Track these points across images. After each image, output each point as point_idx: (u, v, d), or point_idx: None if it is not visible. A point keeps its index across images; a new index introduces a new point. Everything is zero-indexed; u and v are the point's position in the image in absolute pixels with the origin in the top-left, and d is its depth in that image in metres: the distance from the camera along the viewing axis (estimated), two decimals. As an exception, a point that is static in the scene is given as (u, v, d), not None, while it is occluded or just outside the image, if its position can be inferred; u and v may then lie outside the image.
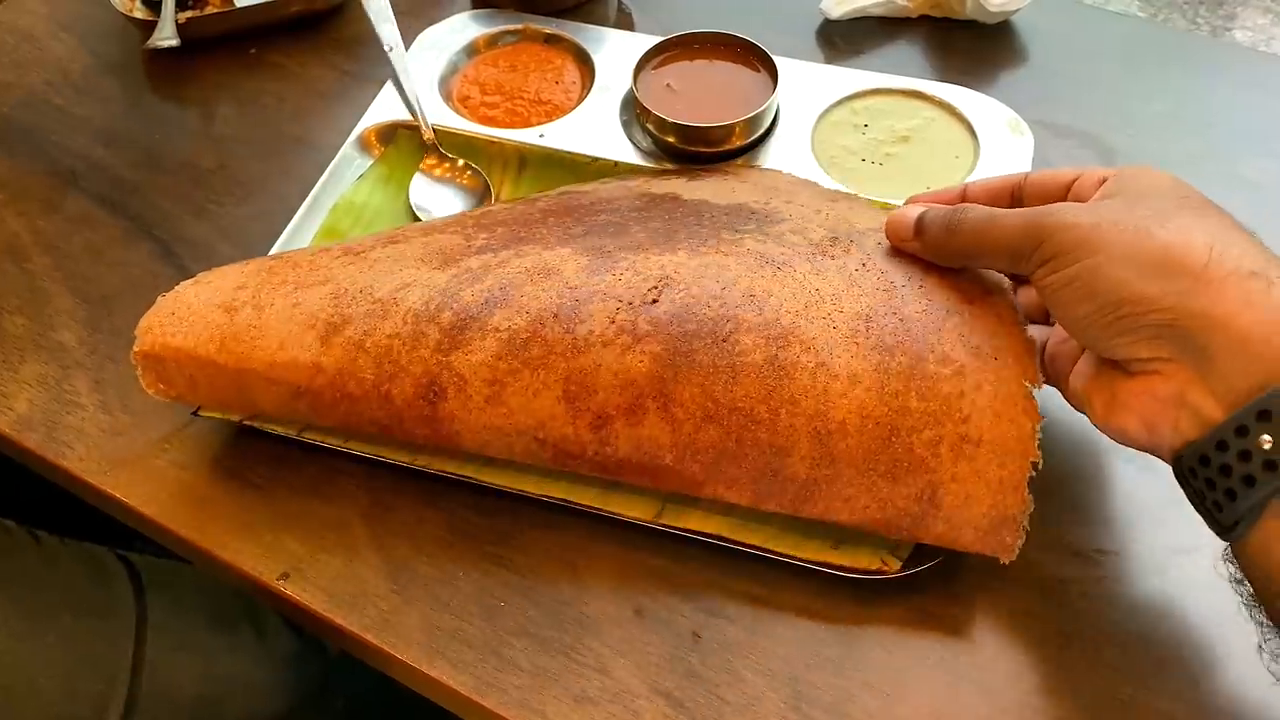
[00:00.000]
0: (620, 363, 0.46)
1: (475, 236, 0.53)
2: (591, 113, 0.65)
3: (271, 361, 0.49)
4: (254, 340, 0.49)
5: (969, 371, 0.45)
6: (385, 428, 0.49)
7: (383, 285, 0.50)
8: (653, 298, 0.47)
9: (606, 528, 0.50)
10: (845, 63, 0.71)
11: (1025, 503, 0.44)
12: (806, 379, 0.45)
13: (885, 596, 0.48)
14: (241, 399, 0.51)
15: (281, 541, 0.51)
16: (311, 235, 0.61)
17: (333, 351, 0.49)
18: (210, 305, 0.50)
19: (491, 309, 0.48)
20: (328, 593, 0.49)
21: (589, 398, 0.46)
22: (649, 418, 0.46)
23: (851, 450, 0.45)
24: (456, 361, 0.47)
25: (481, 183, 0.63)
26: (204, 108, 0.71)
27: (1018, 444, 0.44)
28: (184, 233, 0.64)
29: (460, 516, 0.51)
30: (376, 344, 0.48)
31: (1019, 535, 0.44)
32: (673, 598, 0.49)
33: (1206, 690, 0.45)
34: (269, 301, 0.50)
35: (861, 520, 0.46)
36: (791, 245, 0.50)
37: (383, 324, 0.49)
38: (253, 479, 0.53)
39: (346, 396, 0.49)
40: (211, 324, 0.50)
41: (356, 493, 0.52)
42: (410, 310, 0.49)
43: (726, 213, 0.54)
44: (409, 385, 0.48)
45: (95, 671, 0.61)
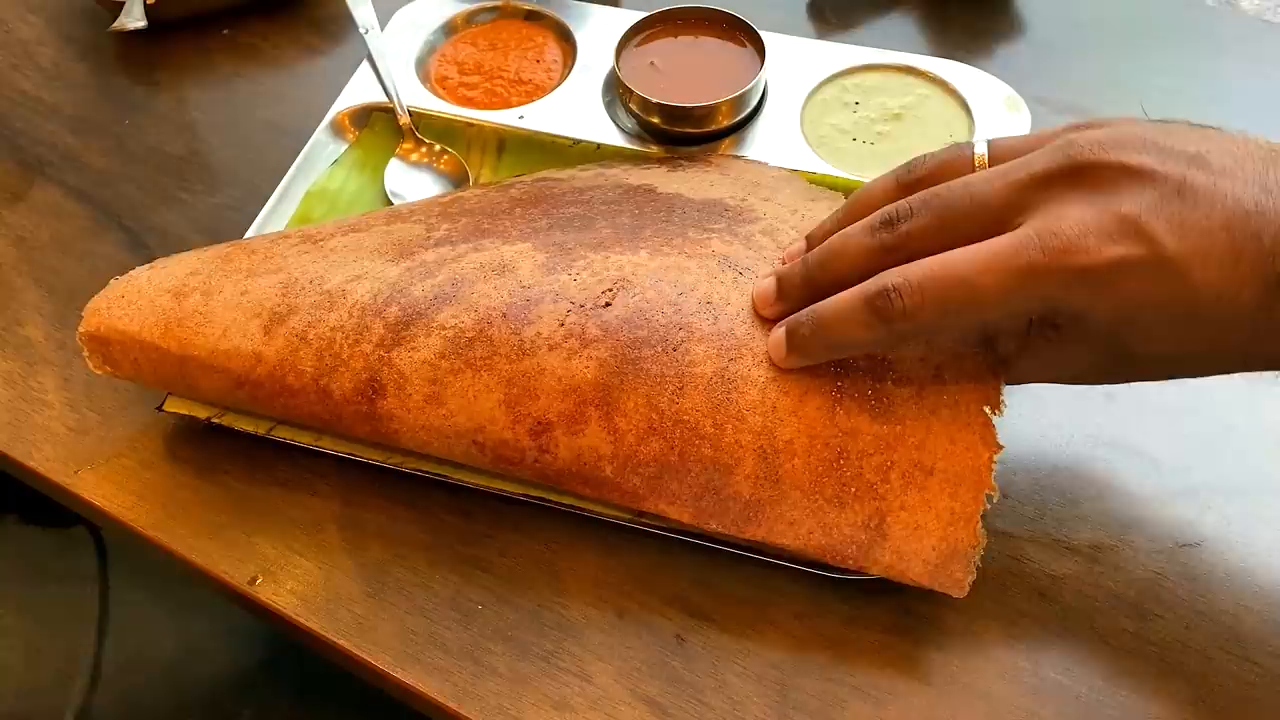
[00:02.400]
0: (565, 368, 0.45)
1: (437, 227, 0.51)
2: (573, 93, 0.63)
3: (213, 349, 0.48)
4: (198, 327, 0.48)
5: (928, 394, 0.43)
6: (325, 423, 0.48)
7: (334, 276, 0.49)
8: (606, 300, 0.46)
9: (587, 527, 0.49)
10: (836, 38, 0.68)
11: (977, 537, 0.42)
12: (756, 394, 0.43)
13: (874, 597, 0.46)
14: (186, 385, 0.50)
15: (252, 543, 0.50)
16: (284, 224, 0.59)
17: (274, 342, 0.47)
18: (160, 290, 0.49)
19: (440, 305, 0.47)
20: (300, 596, 0.48)
21: (530, 403, 0.45)
22: (590, 427, 0.44)
23: (798, 471, 0.43)
24: (398, 358, 0.46)
25: (459, 167, 0.61)
26: (176, 92, 0.69)
27: (973, 474, 0.42)
28: (154, 222, 0.62)
29: (437, 517, 0.50)
30: (319, 336, 0.47)
31: (970, 571, 0.42)
32: (656, 599, 0.47)
33: (1204, 693, 0.43)
34: (218, 288, 0.49)
35: (805, 546, 0.44)
36: (758, 248, 0.49)
37: (328, 316, 0.47)
38: (223, 479, 0.52)
39: (285, 389, 0.47)
40: (159, 309, 0.49)
41: (330, 493, 0.51)
42: (357, 303, 0.47)
43: (699, 209, 0.52)
44: (348, 381, 0.46)
45: (57, 639, 0.61)
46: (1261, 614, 0.45)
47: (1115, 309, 0.36)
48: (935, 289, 0.38)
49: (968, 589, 0.43)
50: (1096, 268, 0.35)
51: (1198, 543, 0.47)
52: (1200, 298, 0.35)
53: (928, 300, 0.38)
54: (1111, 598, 0.46)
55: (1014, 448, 0.48)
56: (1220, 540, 0.47)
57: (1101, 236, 0.35)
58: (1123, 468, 0.49)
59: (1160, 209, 0.35)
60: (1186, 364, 0.40)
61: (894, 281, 0.39)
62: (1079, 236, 0.36)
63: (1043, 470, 0.49)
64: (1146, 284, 0.35)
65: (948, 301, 0.38)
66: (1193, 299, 0.35)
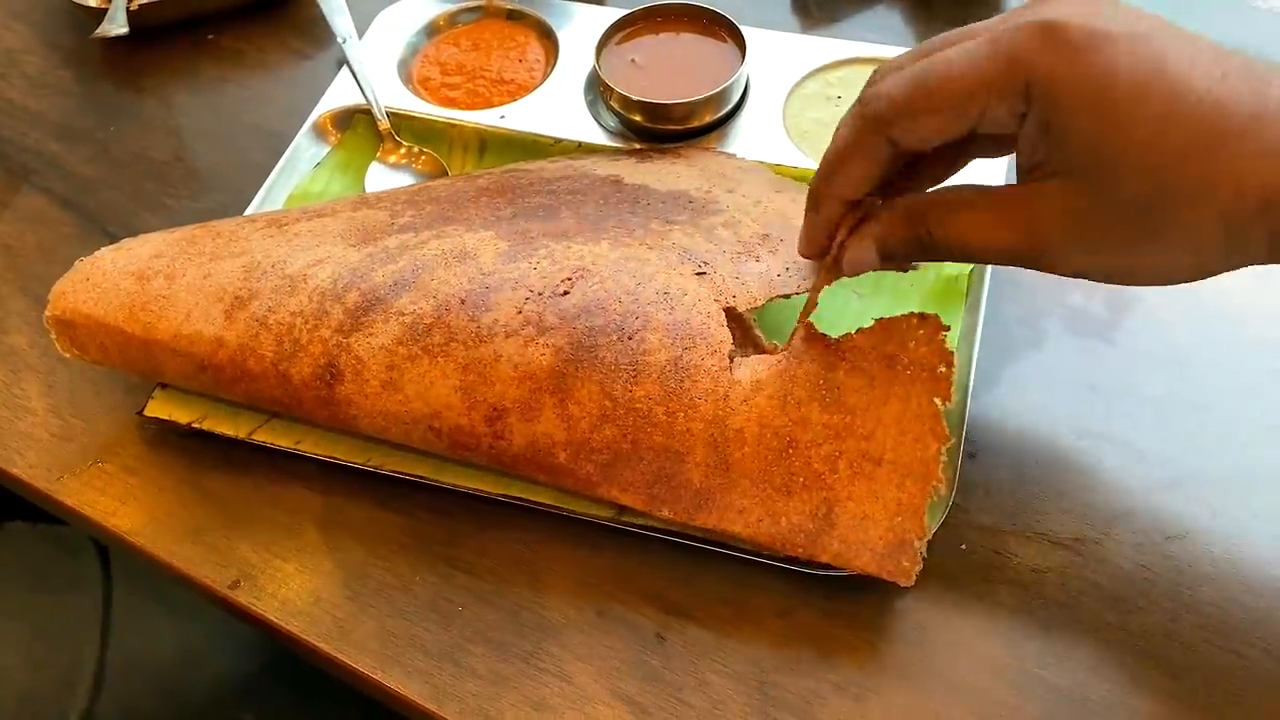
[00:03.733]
0: (521, 355, 0.45)
1: (402, 214, 0.52)
2: (555, 92, 0.63)
3: (176, 333, 0.48)
4: (161, 310, 0.49)
5: (879, 384, 0.43)
6: (287, 407, 0.48)
7: (296, 260, 0.49)
8: (565, 289, 0.46)
9: (567, 527, 0.48)
10: (820, 32, 0.68)
11: (923, 529, 0.42)
12: (708, 382, 0.43)
13: (855, 593, 0.46)
14: (151, 368, 0.50)
15: (233, 547, 0.50)
16: None
17: (235, 326, 0.48)
18: (124, 272, 0.50)
19: (399, 291, 0.47)
20: (280, 600, 0.48)
21: (485, 389, 0.45)
22: (544, 414, 0.44)
23: (746, 460, 0.43)
24: (356, 344, 0.46)
25: (438, 165, 0.61)
26: (161, 97, 0.69)
27: (920, 465, 0.42)
28: (139, 228, 0.61)
29: (417, 519, 0.50)
30: (279, 321, 0.47)
31: (917, 561, 0.42)
32: (635, 598, 0.47)
33: (1190, 686, 0.42)
34: (181, 271, 0.49)
35: (755, 534, 0.44)
36: (719, 241, 0.48)
37: (288, 300, 0.48)
38: (204, 483, 0.52)
39: (246, 373, 0.48)
40: (123, 291, 0.49)
41: (310, 496, 0.51)
42: (318, 288, 0.48)
43: (664, 200, 0.52)
44: (307, 365, 0.47)
45: (61, 645, 0.61)
46: (1247, 605, 0.44)
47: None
48: (915, 75, 0.38)
49: (914, 579, 0.43)
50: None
51: (1183, 534, 0.46)
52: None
53: (907, 82, 0.38)
54: (1095, 590, 0.45)
55: (996, 440, 0.47)
56: (1206, 532, 0.47)
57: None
58: (1108, 459, 0.49)
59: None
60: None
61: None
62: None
63: (1026, 463, 0.49)
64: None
65: (927, 82, 0.37)
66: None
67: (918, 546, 0.43)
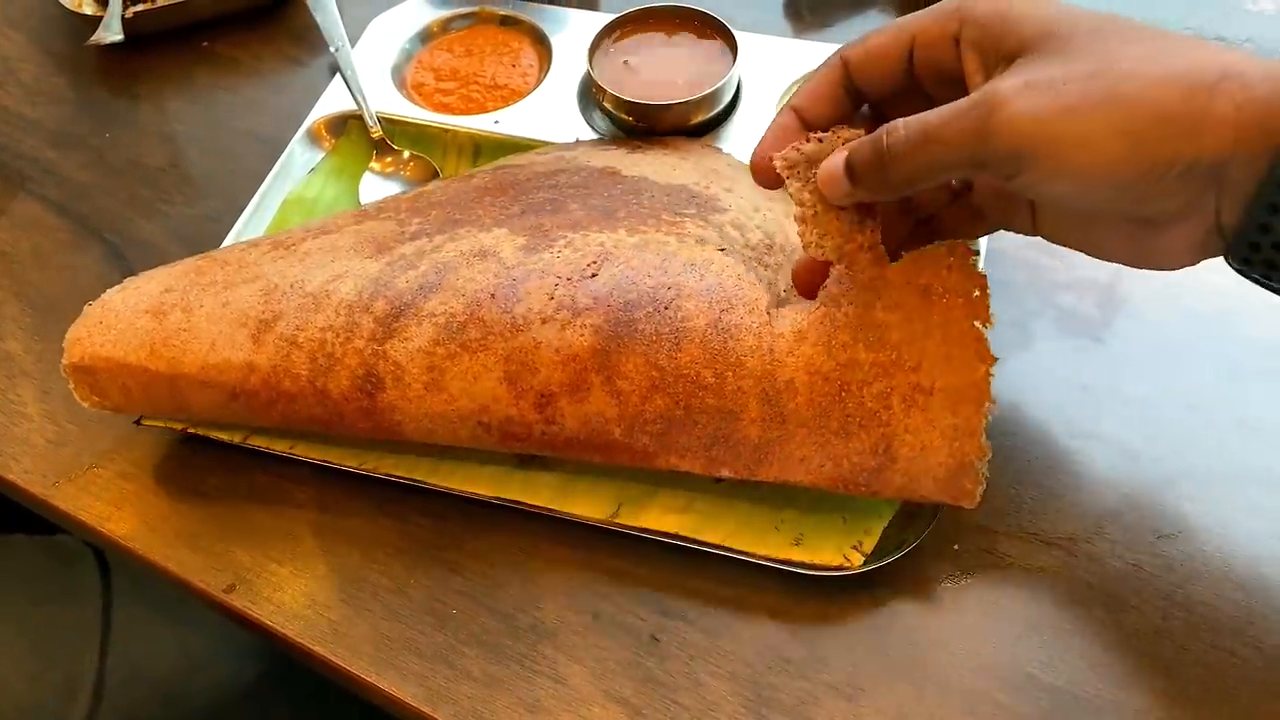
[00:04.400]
0: (561, 339, 0.45)
1: (409, 222, 0.51)
2: (548, 96, 0.63)
3: (204, 364, 0.48)
4: (185, 343, 0.48)
5: (917, 316, 0.43)
6: (326, 424, 0.48)
7: (314, 278, 0.48)
8: (592, 271, 0.46)
9: (561, 529, 0.49)
10: (812, 36, 0.68)
11: (982, 449, 0.42)
12: (751, 339, 0.44)
13: (849, 594, 0.46)
14: (178, 405, 0.49)
15: (228, 552, 0.50)
16: (261, 233, 0.59)
17: (265, 349, 0.47)
18: (138, 311, 0.49)
19: (427, 294, 0.47)
20: (276, 604, 0.48)
21: (531, 377, 0.45)
22: (594, 393, 0.44)
23: (801, 409, 0.43)
24: (392, 350, 0.46)
25: (429, 169, 0.61)
26: (156, 104, 0.69)
27: (971, 388, 0.42)
28: (135, 235, 0.62)
29: (411, 522, 0.50)
30: (309, 338, 0.47)
31: (979, 482, 0.43)
32: (630, 600, 0.47)
33: (1181, 684, 0.43)
34: (198, 303, 0.49)
35: (818, 479, 0.44)
36: (730, 240, 0.49)
37: (315, 317, 0.47)
38: (199, 488, 0.52)
39: (282, 395, 0.47)
40: (140, 330, 0.48)
41: (305, 500, 0.51)
42: (343, 301, 0.47)
43: (667, 193, 0.52)
44: (345, 378, 0.46)
45: (60, 657, 0.61)
46: (1239, 603, 0.44)
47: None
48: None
49: (978, 499, 0.43)
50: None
51: (1175, 533, 0.47)
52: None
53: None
54: (1087, 589, 0.45)
55: (990, 441, 0.47)
56: (1198, 530, 0.47)
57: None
58: (1099, 458, 0.49)
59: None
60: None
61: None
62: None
63: (1018, 463, 0.49)
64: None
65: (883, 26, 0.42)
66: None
67: (979, 467, 0.43)
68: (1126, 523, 0.47)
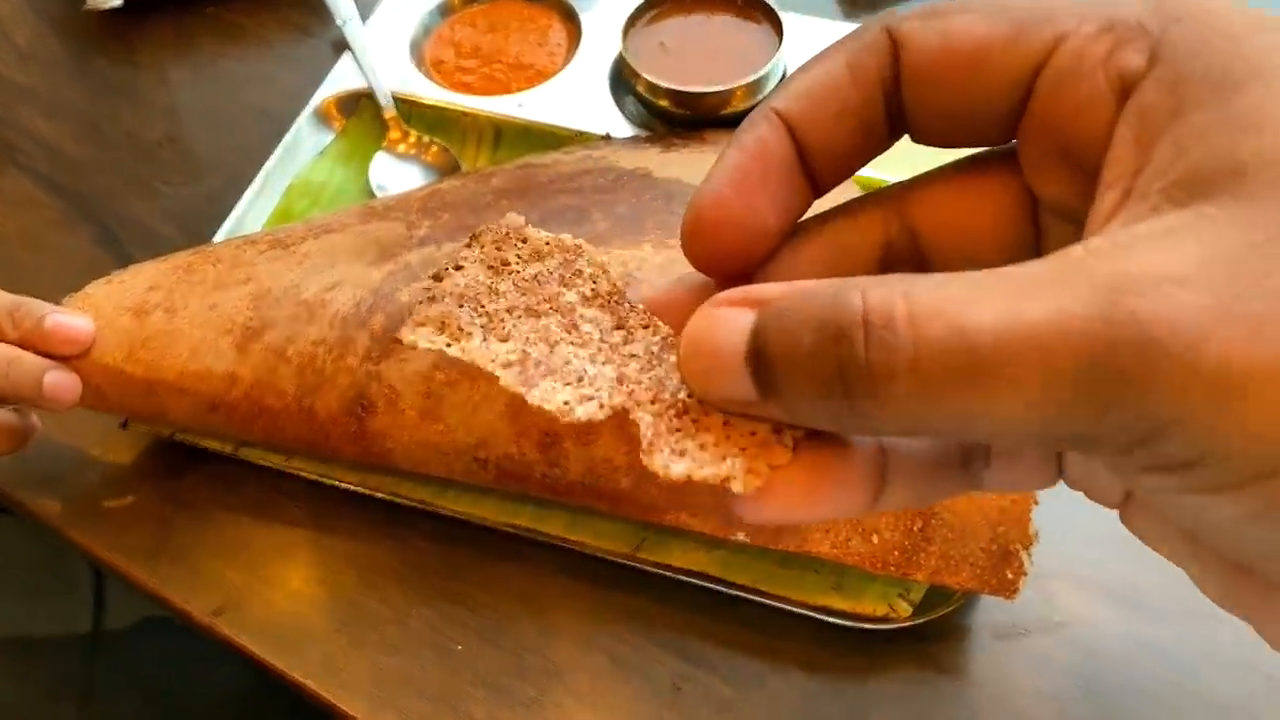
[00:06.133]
0: None
1: (419, 225, 0.47)
2: (577, 78, 0.59)
3: (183, 371, 0.44)
4: (165, 347, 0.44)
5: None
6: (311, 445, 0.44)
7: (310, 284, 0.45)
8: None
9: (576, 562, 0.44)
10: (864, 17, 0.63)
11: (1029, 537, 0.39)
12: None
13: (895, 647, 0.42)
14: (155, 411, 0.46)
15: (217, 571, 0.46)
16: (263, 220, 0.55)
17: (250, 360, 0.44)
18: (119, 308, 0.45)
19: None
20: (266, 632, 0.44)
21: (536, 413, 0.41)
22: (603, 436, 0.41)
23: None
24: (388, 371, 0.42)
25: (450, 161, 0.57)
26: (156, 74, 0.65)
27: None
28: (127, 215, 0.58)
29: (415, 547, 0.46)
30: (299, 351, 0.43)
31: (1021, 572, 0.39)
32: (651, 644, 0.43)
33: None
34: (183, 304, 0.45)
35: (843, 555, 0.40)
36: None
37: (307, 329, 0.44)
38: (187, 499, 0.48)
39: (265, 411, 0.44)
40: (119, 329, 0.45)
41: (301, 518, 0.47)
42: (338, 313, 0.44)
43: None
44: (334, 398, 0.43)
45: (49, 656, 0.58)
46: (1329, 678, 0.40)
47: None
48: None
49: (1019, 593, 0.39)
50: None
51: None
52: None
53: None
54: (1151, 651, 0.41)
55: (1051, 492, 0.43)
56: None
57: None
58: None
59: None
60: None
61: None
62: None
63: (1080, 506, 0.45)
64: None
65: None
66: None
67: (1023, 556, 0.39)
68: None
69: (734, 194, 0.22)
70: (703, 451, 0.22)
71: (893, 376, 0.17)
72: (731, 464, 0.22)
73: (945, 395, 0.17)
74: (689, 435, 0.23)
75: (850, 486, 0.21)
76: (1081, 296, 0.16)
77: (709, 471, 0.22)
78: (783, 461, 0.21)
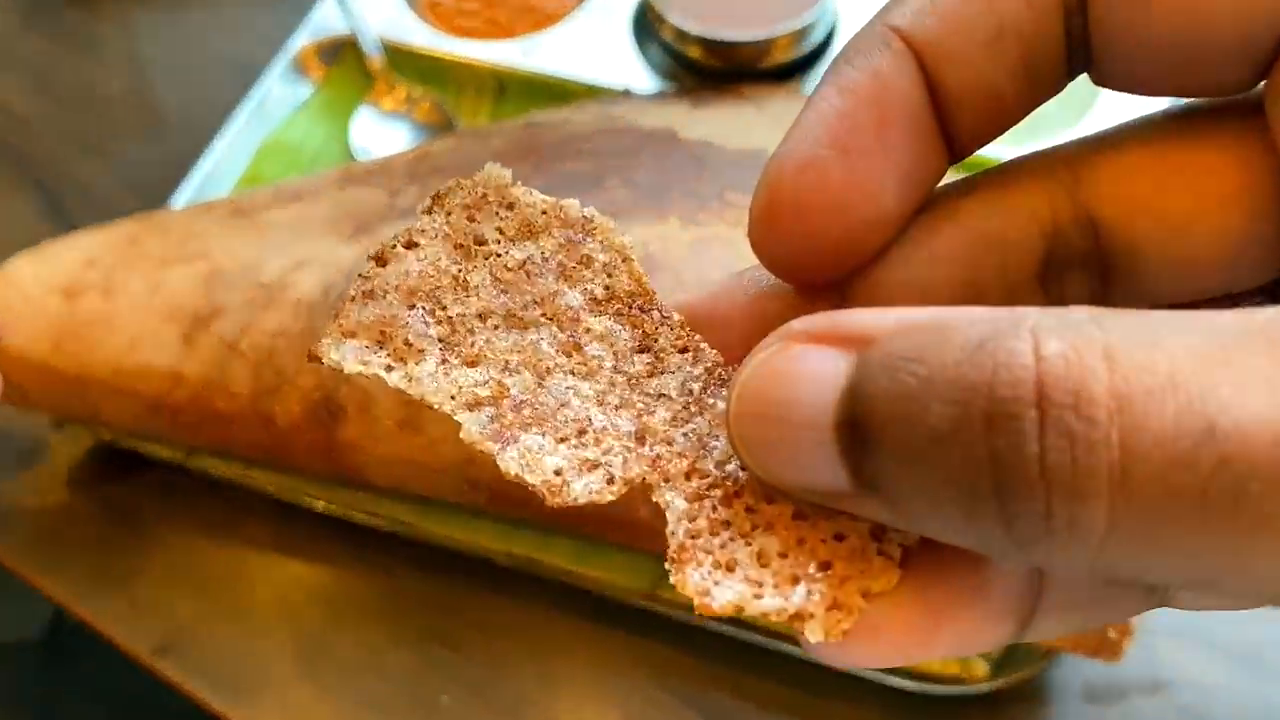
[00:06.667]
0: None
1: (402, 192, 0.41)
2: (593, 22, 0.52)
3: (118, 367, 0.38)
4: (99, 337, 0.38)
5: None
6: (271, 455, 0.38)
7: (272, 262, 0.39)
8: None
9: (585, 599, 0.38)
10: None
11: None
12: None
13: (952, 709, 0.35)
14: (87, 413, 0.40)
15: (163, 601, 0.40)
16: (230, 187, 0.49)
17: (198, 353, 0.38)
18: (47, 288, 0.39)
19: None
20: (216, 677, 0.38)
21: None
22: None
23: None
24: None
25: (445, 118, 0.50)
26: (116, 19, 0.58)
27: None
28: (77, 179, 0.52)
29: (395, 576, 0.40)
30: (255, 345, 0.37)
31: (1126, 632, 0.33)
32: (671, 698, 0.37)
33: None
34: (123, 283, 0.39)
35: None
36: None
37: (265, 317, 0.37)
38: (129, 515, 0.42)
39: (215, 415, 0.38)
40: (46, 314, 0.39)
41: (261, 538, 0.41)
42: (303, 299, 0.38)
43: (736, 162, 0.41)
44: (295, 403, 0.37)
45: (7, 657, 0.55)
46: None
47: None
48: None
49: (1122, 655, 0.33)
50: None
51: None
52: None
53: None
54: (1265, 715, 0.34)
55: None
56: None
57: None
58: None
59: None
60: None
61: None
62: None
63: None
64: None
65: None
66: None
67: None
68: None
69: (834, 157, 0.14)
70: (762, 567, 0.15)
71: (1085, 492, 0.11)
72: (806, 592, 0.14)
73: (1172, 530, 0.11)
74: (741, 534, 0.15)
75: (987, 621, 0.14)
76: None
77: (770, 604, 0.14)
78: (884, 587, 0.14)
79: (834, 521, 0.14)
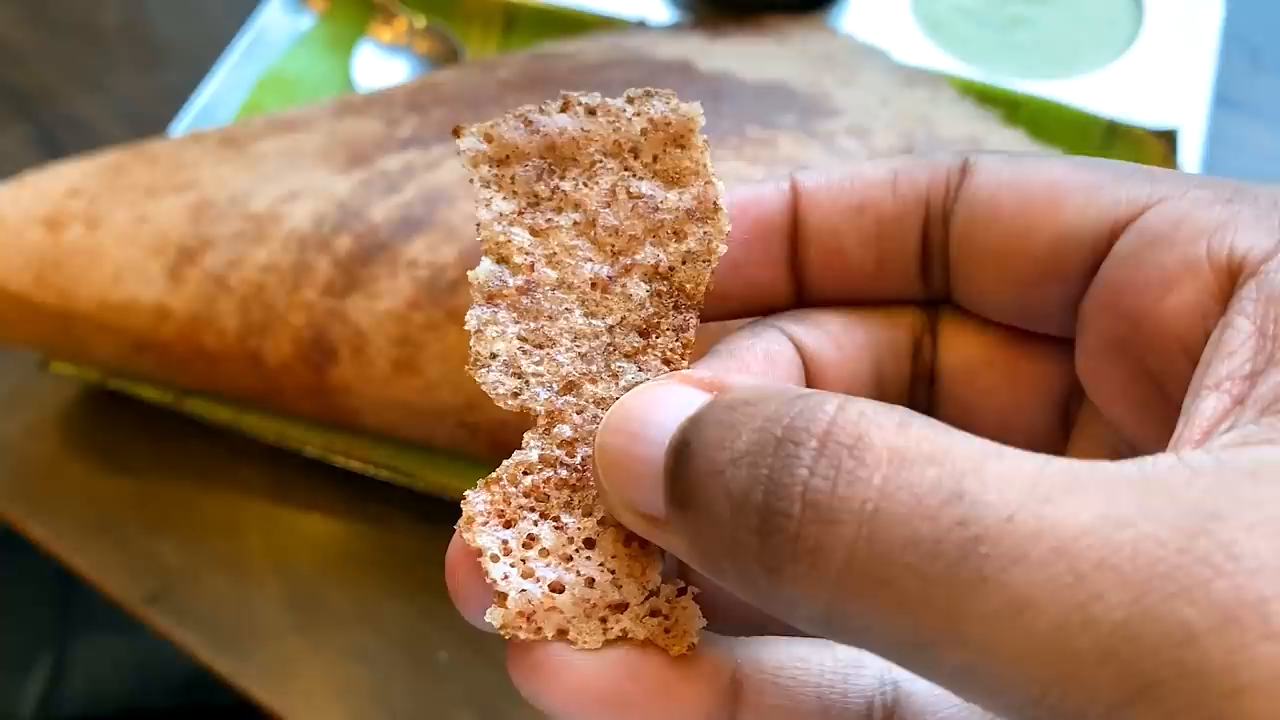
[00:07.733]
0: None
1: (402, 121, 0.39)
2: (607, -48, 0.49)
3: (103, 301, 0.36)
4: (82, 270, 0.37)
5: None
6: (259, 396, 0.37)
7: (263, 194, 0.37)
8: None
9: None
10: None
11: None
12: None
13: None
14: (73, 349, 0.38)
15: (154, 549, 0.39)
16: (228, 121, 0.47)
17: (185, 288, 0.36)
18: (30, 219, 0.37)
19: (409, 233, 0.35)
20: (207, 626, 0.37)
21: None
22: None
23: None
24: (353, 309, 0.35)
25: (450, 50, 0.48)
26: (115, -55, 0.56)
27: None
28: (71, 112, 0.50)
29: (391, 527, 0.39)
30: (244, 280, 0.36)
31: None
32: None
33: None
34: (107, 214, 0.37)
35: None
36: (844, 154, 0.37)
37: (255, 250, 0.36)
38: (122, 460, 0.41)
39: (202, 353, 0.36)
40: (28, 246, 0.37)
41: (256, 484, 0.40)
42: (294, 232, 0.36)
43: (756, 95, 0.39)
44: (286, 341, 0.35)
45: (15, 635, 0.56)
46: None
47: None
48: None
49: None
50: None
51: None
52: None
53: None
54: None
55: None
56: None
57: None
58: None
59: None
60: None
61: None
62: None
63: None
64: None
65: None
66: None
67: None
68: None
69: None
70: (565, 542, 0.17)
71: (836, 519, 0.12)
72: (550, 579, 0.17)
73: (903, 574, 0.12)
74: (545, 514, 0.17)
75: (680, 696, 0.16)
76: (1168, 554, 0.11)
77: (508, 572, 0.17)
78: (640, 634, 0.16)
79: (645, 560, 0.16)
